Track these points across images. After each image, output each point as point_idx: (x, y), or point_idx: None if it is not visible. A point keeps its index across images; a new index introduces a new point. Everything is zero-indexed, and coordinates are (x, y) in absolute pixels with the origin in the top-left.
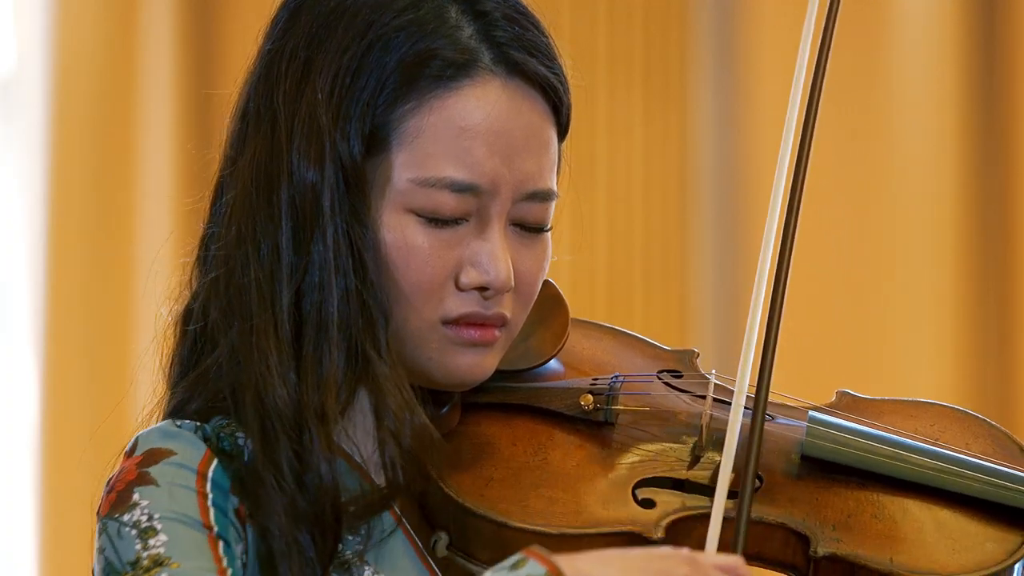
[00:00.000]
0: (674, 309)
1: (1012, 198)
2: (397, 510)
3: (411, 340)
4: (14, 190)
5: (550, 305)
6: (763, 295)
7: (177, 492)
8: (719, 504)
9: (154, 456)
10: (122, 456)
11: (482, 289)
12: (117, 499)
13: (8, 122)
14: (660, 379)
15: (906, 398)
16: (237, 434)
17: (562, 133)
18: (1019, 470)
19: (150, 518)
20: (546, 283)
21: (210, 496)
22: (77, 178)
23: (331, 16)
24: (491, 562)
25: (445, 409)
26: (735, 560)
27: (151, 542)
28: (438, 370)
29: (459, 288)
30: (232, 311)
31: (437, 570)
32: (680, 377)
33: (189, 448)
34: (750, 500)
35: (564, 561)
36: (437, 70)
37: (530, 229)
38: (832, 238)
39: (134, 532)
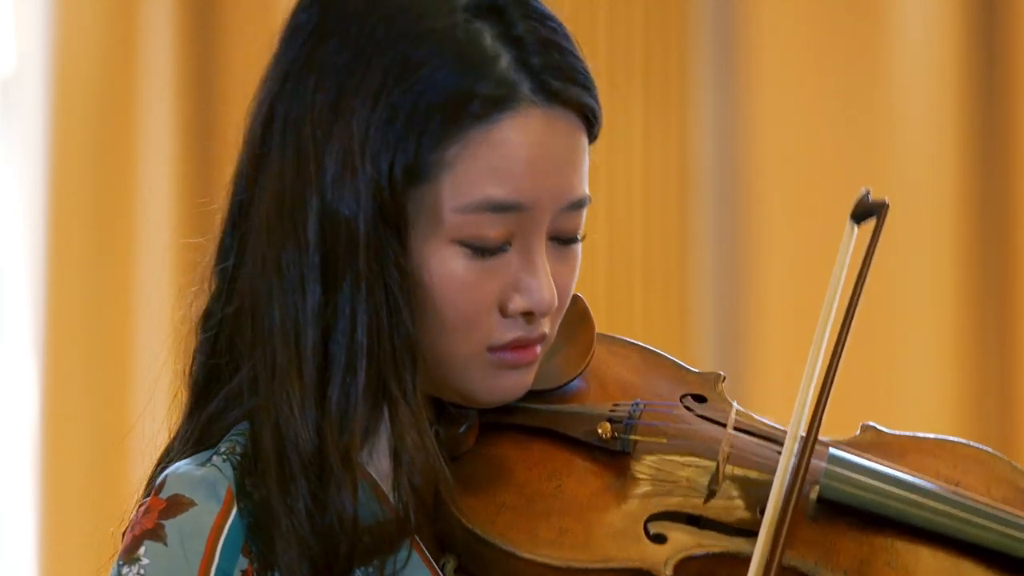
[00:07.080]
0: (674, 309)
1: (1013, 198)
2: (418, 540)
3: (458, 368)
4: (14, 190)
5: (577, 321)
6: (827, 333)
7: (182, 555)
8: (761, 549)
9: (175, 507)
10: (150, 489)
11: (527, 314)
12: (129, 545)
13: (8, 122)
14: (683, 404)
15: (929, 435)
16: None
17: (592, 140)
18: None
19: None
20: (574, 297)
21: (217, 560)
22: (77, 178)
23: (362, 46)
24: None
25: (463, 429)
26: None
27: None
28: (482, 392)
29: (504, 315)
30: (255, 345)
31: None
32: (704, 402)
33: (210, 500)
34: (782, 546)
35: None
36: (479, 109)
37: (566, 241)
38: (830, 240)
39: None
